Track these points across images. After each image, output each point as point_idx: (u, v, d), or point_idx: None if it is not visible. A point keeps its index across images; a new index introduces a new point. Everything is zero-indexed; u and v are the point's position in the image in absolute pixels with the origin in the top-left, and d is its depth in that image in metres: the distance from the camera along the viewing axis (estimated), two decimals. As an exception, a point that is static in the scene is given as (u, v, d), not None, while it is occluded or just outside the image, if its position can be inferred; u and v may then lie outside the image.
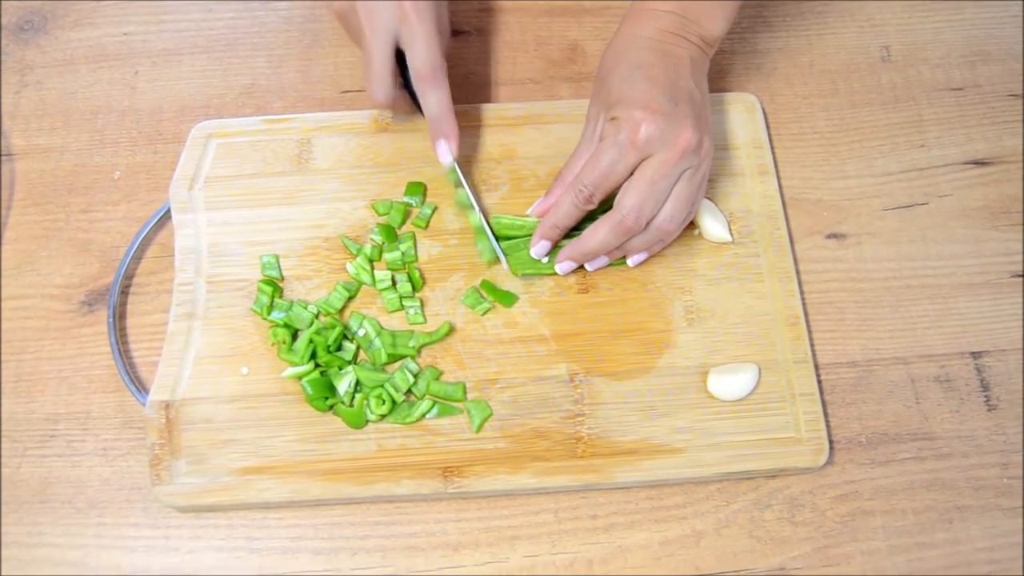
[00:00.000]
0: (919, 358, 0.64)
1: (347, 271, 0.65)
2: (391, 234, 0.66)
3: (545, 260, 0.65)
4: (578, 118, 0.70)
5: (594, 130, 0.62)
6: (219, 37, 0.77)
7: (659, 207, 0.60)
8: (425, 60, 0.62)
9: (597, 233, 0.61)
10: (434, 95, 0.63)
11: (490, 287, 0.64)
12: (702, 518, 0.60)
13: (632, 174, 0.59)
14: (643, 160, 0.58)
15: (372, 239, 0.66)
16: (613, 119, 0.59)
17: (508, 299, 0.64)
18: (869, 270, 0.67)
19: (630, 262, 0.65)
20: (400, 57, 0.64)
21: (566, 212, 0.61)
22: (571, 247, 0.63)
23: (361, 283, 0.65)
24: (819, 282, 0.67)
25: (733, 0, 0.63)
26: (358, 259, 0.65)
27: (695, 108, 0.59)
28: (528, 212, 0.66)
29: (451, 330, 0.63)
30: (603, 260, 0.64)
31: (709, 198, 0.67)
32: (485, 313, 0.64)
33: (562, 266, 0.64)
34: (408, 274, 0.65)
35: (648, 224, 0.60)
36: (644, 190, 0.58)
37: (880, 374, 0.64)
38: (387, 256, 0.65)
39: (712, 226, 0.66)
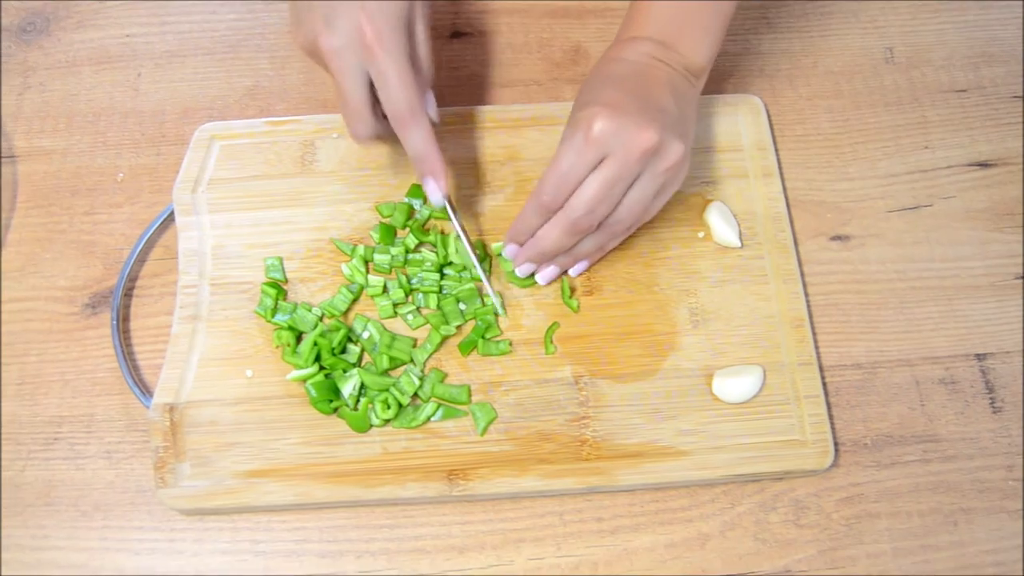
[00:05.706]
0: (924, 360, 0.64)
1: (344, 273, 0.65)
2: (389, 235, 0.66)
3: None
4: (582, 120, 0.70)
5: None
6: (222, 39, 0.76)
7: (613, 208, 0.57)
8: (399, 100, 0.56)
9: (551, 233, 0.58)
10: (415, 134, 0.58)
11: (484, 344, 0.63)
12: (707, 520, 0.60)
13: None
14: (602, 160, 0.55)
15: (372, 237, 0.66)
16: (573, 121, 0.56)
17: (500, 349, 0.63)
18: (873, 272, 0.67)
19: (572, 272, 0.64)
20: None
21: (527, 220, 0.59)
22: (527, 247, 0.61)
23: (360, 285, 0.65)
24: (823, 284, 0.67)
25: (718, 21, 0.60)
26: (353, 260, 0.65)
27: (665, 117, 0.55)
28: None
29: (444, 340, 0.63)
30: (555, 270, 0.63)
31: (723, 202, 0.67)
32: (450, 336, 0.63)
33: (520, 269, 0.63)
34: (398, 280, 0.64)
35: (600, 225, 0.58)
36: (598, 191, 0.55)
37: (885, 376, 0.64)
38: (376, 258, 0.64)
39: (723, 229, 0.66)
